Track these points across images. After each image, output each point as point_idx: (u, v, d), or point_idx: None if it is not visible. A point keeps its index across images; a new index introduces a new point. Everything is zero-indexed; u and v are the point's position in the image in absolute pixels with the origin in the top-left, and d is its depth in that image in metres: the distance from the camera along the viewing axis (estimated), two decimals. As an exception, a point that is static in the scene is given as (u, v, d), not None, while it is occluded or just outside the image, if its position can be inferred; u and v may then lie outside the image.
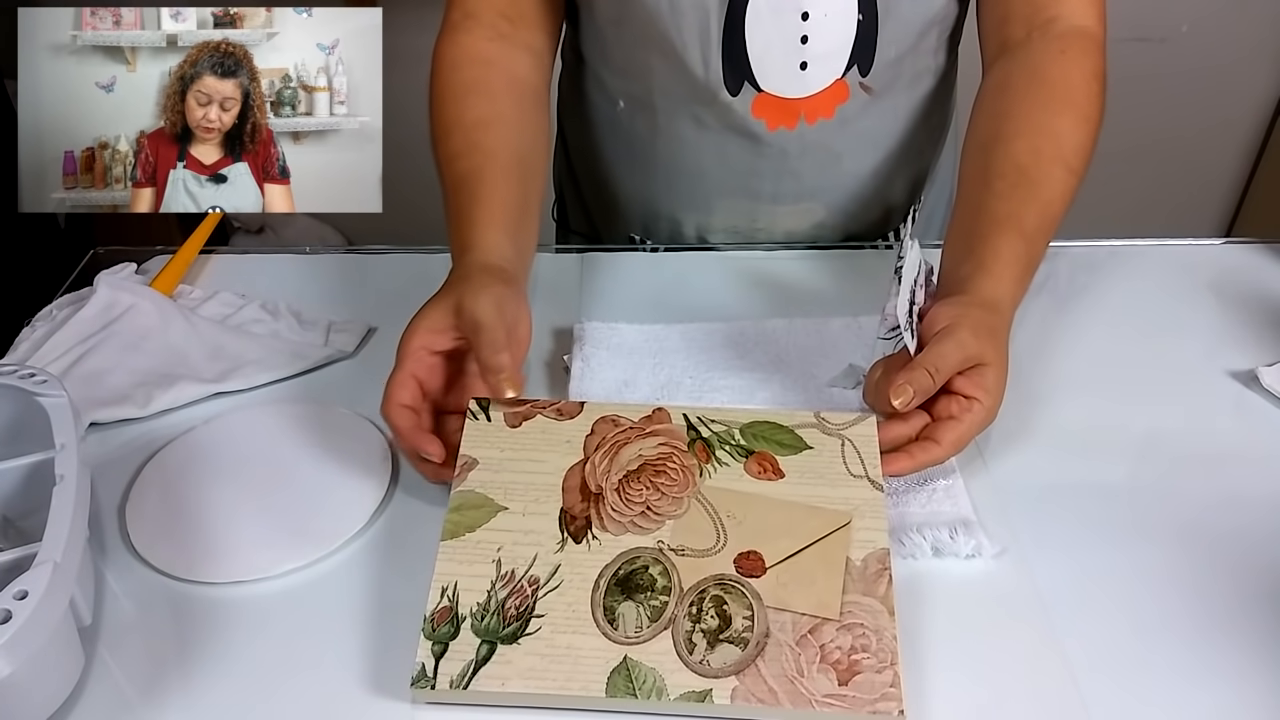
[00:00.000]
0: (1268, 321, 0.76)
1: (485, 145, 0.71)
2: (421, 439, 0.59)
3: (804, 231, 0.88)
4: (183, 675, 0.52)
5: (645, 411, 0.60)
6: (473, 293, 0.61)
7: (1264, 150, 1.98)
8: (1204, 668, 0.52)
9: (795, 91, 0.77)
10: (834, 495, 0.55)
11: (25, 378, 0.57)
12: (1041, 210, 0.67)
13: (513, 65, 0.77)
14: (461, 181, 0.69)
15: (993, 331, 0.60)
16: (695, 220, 0.88)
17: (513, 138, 0.72)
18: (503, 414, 0.60)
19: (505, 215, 0.68)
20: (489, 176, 0.69)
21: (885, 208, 0.89)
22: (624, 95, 0.83)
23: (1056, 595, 0.55)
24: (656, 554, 0.53)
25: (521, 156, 0.72)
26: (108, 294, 0.74)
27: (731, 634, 0.50)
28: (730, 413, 0.60)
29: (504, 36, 0.77)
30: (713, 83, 0.77)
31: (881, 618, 0.50)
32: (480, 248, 0.66)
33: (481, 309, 0.60)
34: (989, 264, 0.64)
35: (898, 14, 0.75)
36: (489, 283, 0.62)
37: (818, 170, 0.83)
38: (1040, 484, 0.62)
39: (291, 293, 0.80)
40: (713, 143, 0.81)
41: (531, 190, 0.72)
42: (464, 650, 0.49)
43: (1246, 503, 0.61)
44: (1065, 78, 0.71)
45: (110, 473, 0.64)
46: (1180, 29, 1.82)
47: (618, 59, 0.81)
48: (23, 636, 0.43)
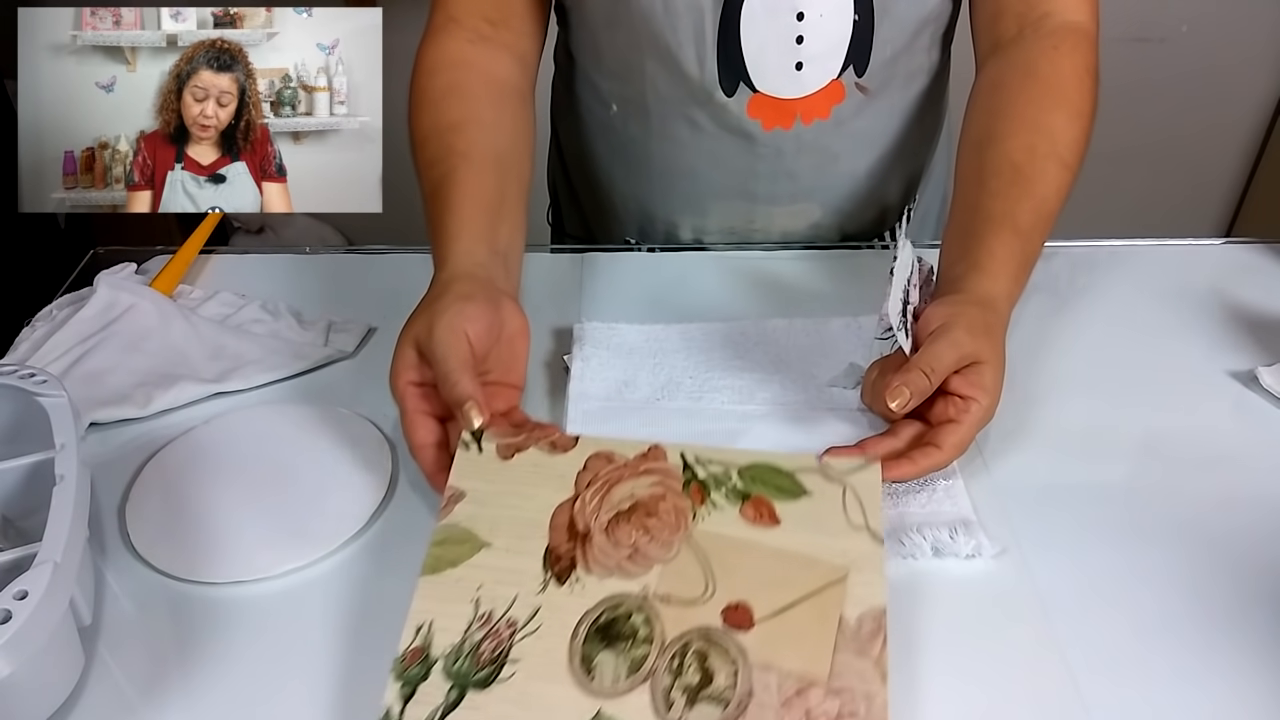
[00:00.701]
0: (1268, 321, 0.76)
1: (459, 148, 0.69)
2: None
3: (800, 232, 0.88)
4: (183, 675, 0.52)
5: (641, 448, 0.58)
6: (428, 322, 0.59)
7: (1264, 150, 1.98)
8: (1204, 668, 0.52)
9: (791, 92, 0.77)
10: (832, 546, 0.53)
11: (25, 378, 0.57)
12: (1036, 207, 0.67)
13: (492, 66, 0.75)
14: (435, 190, 0.67)
15: (988, 329, 0.60)
16: (691, 222, 0.88)
17: (488, 137, 0.70)
18: (495, 445, 0.58)
19: (479, 217, 0.66)
20: (461, 179, 0.67)
21: (881, 207, 0.89)
22: (617, 98, 0.83)
23: (1056, 595, 0.55)
24: (641, 601, 0.50)
25: (498, 154, 0.70)
26: (108, 294, 0.74)
27: (713, 692, 0.47)
28: (729, 454, 0.57)
29: (485, 39, 0.76)
30: (708, 83, 0.77)
31: (873, 682, 0.47)
32: (452, 260, 0.63)
33: (436, 342, 0.58)
34: (983, 262, 0.64)
35: (894, 13, 0.75)
36: (453, 302, 0.59)
37: (814, 171, 0.83)
38: (1040, 484, 0.62)
39: (291, 293, 0.80)
40: (708, 144, 0.81)
41: (510, 185, 0.70)
42: (432, 694, 0.47)
43: (1246, 503, 0.61)
44: (1058, 73, 0.71)
45: (110, 473, 0.64)
46: (1180, 29, 1.82)
47: (610, 61, 0.81)
48: (23, 636, 0.43)
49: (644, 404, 0.67)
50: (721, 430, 0.65)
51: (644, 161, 0.85)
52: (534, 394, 0.70)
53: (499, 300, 0.62)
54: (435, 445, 0.59)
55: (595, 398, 0.68)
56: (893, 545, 0.57)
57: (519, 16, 0.77)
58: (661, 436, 0.64)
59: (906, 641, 0.53)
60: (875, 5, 0.74)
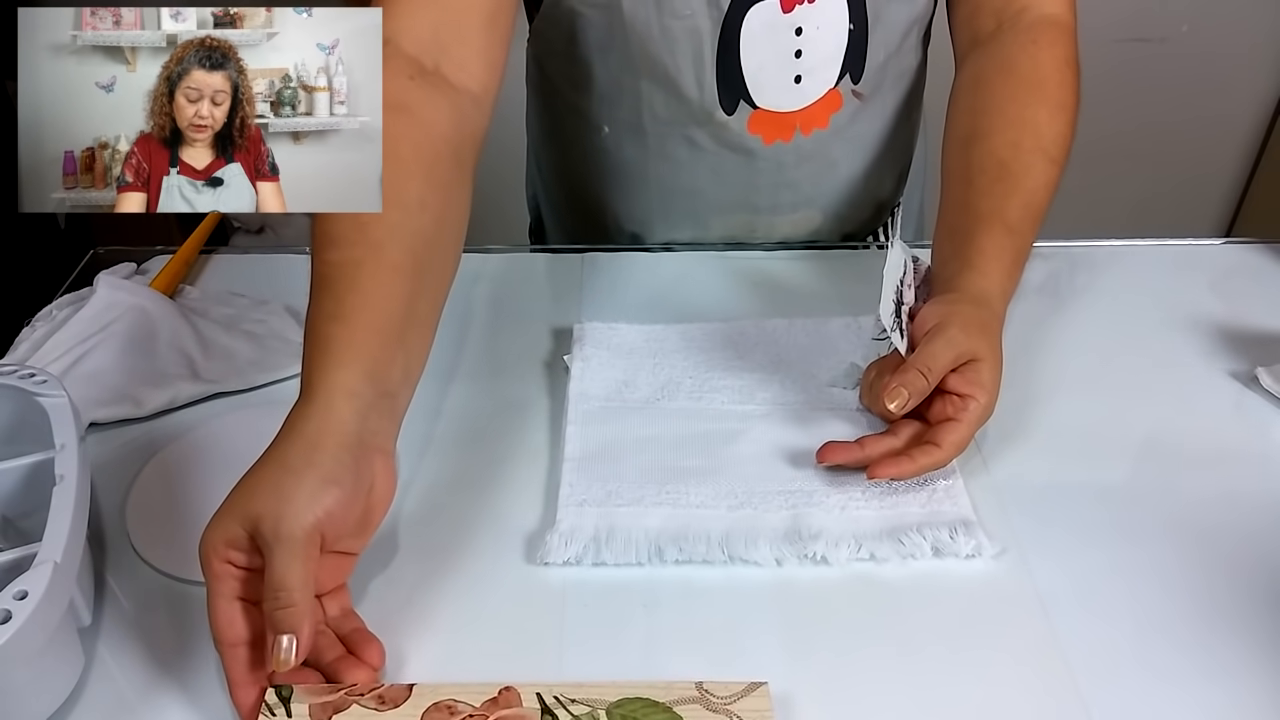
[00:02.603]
0: (1268, 321, 0.76)
1: (372, 235, 0.55)
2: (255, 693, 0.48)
3: (800, 237, 0.88)
4: (183, 675, 0.52)
5: (490, 693, 0.48)
6: (275, 508, 0.47)
7: (1264, 150, 1.98)
8: (1204, 667, 0.52)
9: (790, 105, 0.77)
10: None
11: (25, 378, 0.57)
12: (1025, 202, 0.67)
13: (431, 118, 0.60)
14: (329, 282, 0.54)
15: (983, 326, 0.61)
16: (691, 234, 0.88)
17: (411, 223, 0.56)
18: (308, 706, 0.47)
19: (373, 340, 0.53)
20: (364, 280, 0.54)
21: (876, 205, 0.90)
22: (609, 121, 0.82)
23: (1056, 595, 0.55)
24: None
25: (416, 251, 0.56)
26: (108, 294, 0.74)
27: None
28: (596, 689, 0.48)
29: (425, 75, 0.61)
30: (707, 104, 0.76)
31: None
32: (324, 400, 0.50)
33: (281, 544, 0.46)
34: (975, 260, 0.64)
35: (885, 18, 0.75)
36: (314, 488, 0.47)
37: (814, 179, 0.83)
38: (1040, 484, 0.62)
39: (291, 293, 0.80)
40: (708, 162, 0.81)
41: (423, 295, 0.56)
42: None
43: (1246, 502, 0.61)
44: (1038, 68, 0.72)
45: (110, 473, 0.64)
46: (1180, 29, 1.82)
47: (602, 86, 0.80)
48: (23, 636, 0.43)
49: (644, 404, 0.67)
50: (722, 430, 0.65)
51: (641, 182, 0.85)
52: (534, 394, 0.70)
53: (370, 470, 0.50)
54: (248, 644, 0.48)
55: (595, 398, 0.68)
56: (893, 545, 0.57)
57: (467, 46, 0.63)
58: (662, 436, 0.65)
59: (906, 641, 0.53)
60: (869, 12, 0.74)
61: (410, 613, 0.55)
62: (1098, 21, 0.77)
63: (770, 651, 0.53)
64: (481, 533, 0.60)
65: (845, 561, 0.57)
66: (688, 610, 0.55)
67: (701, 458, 0.63)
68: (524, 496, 0.62)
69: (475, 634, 0.54)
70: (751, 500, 0.60)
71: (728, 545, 0.57)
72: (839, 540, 0.57)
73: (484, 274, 0.83)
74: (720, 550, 0.57)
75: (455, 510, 0.61)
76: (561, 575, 0.57)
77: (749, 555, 0.57)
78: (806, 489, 0.61)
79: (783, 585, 0.56)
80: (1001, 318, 0.63)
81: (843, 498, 0.60)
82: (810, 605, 0.55)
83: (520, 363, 0.73)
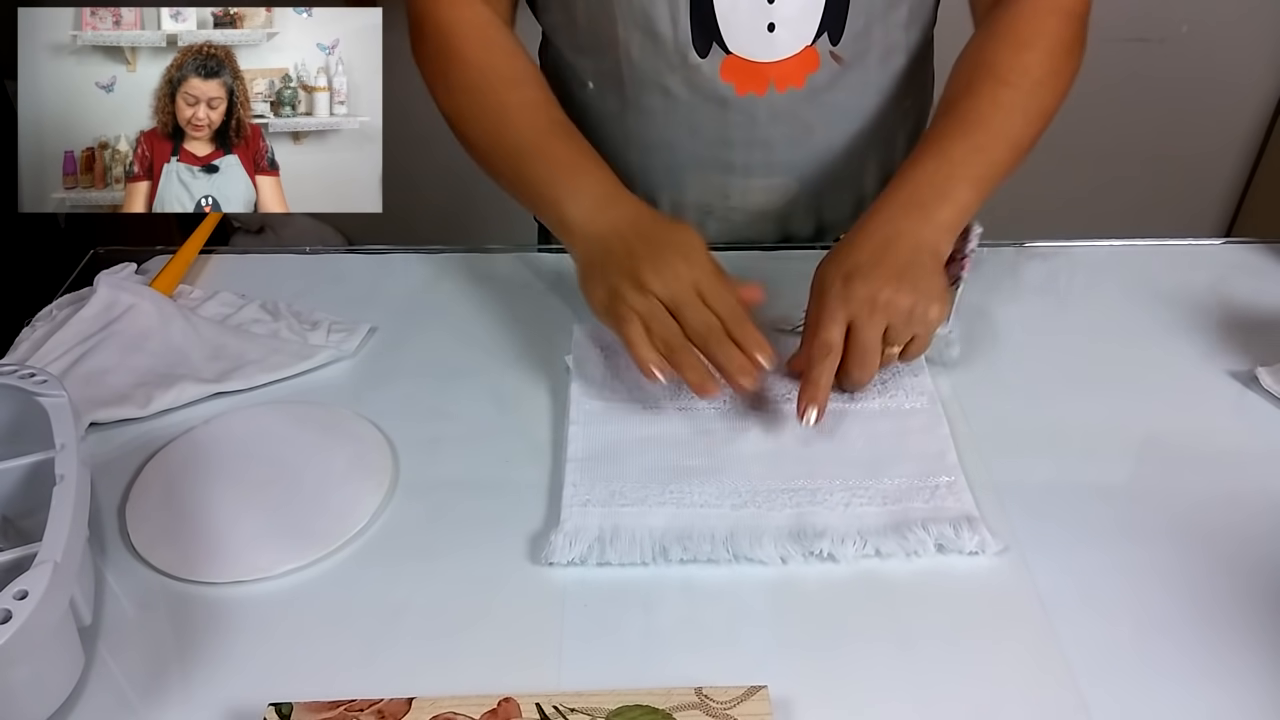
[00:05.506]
0: (1268, 321, 0.76)
1: (547, 98, 0.76)
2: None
3: (777, 207, 0.88)
4: (183, 675, 0.52)
5: (489, 704, 0.49)
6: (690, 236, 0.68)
7: (1264, 150, 1.98)
8: (1204, 667, 0.52)
9: (763, 55, 0.77)
10: None
11: (25, 378, 0.57)
12: (961, 116, 0.71)
13: (501, 26, 0.79)
14: (548, 131, 0.74)
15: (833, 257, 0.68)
16: (668, 196, 0.88)
17: (550, 94, 0.77)
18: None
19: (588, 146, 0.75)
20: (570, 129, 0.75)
21: (858, 194, 0.89)
22: (593, 74, 0.83)
23: (1056, 595, 0.55)
24: None
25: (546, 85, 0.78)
26: (108, 294, 0.74)
27: None
28: (595, 697, 0.49)
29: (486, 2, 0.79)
30: (681, 44, 0.77)
31: None
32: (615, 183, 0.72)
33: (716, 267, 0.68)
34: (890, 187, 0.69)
35: None
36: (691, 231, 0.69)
37: (788, 142, 0.83)
38: (1040, 484, 0.62)
39: (291, 293, 0.80)
40: (682, 112, 0.82)
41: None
42: None
43: (1246, 502, 0.61)
44: (1014, 20, 0.74)
45: (110, 473, 0.64)
46: (1180, 29, 1.82)
47: (585, 35, 0.82)
48: (23, 636, 0.43)
49: (646, 404, 0.67)
50: (724, 429, 0.65)
51: (620, 135, 0.86)
52: (534, 394, 0.70)
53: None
54: None
55: (596, 398, 0.68)
56: (897, 540, 0.57)
57: None
58: (665, 435, 0.65)
59: (907, 641, 0.53)
60: None
61: (412, 613, 0.55)
62: (1098, 21, 0.77)
63: (771, 652, 0.53)
64: (484, 533, 0.60)
65: (852, 558, 0.57)
66: (689, 611, 0.55)
67: (704, 457, 0.63)
68: (527, 497, 0.62)
69: (477, 635, 0.54)
70: (755, 499, 0.60)
71: (732, 544, 0.57)
72: (844, 537, 0.58)
73: (487, 275, 0.83)
74: (725, 549, 0.57)
75: (458, 511, 0.61)
76: (564, 576, 0.57)
77: (754, 554, 0.57)
78: (810, 487, 0.61)
79: (783, 586, 0.56)
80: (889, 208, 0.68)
81: (846, 495, 0.60)
82: (810, 606, 0.55)
83: (522, 363, 0.73)
